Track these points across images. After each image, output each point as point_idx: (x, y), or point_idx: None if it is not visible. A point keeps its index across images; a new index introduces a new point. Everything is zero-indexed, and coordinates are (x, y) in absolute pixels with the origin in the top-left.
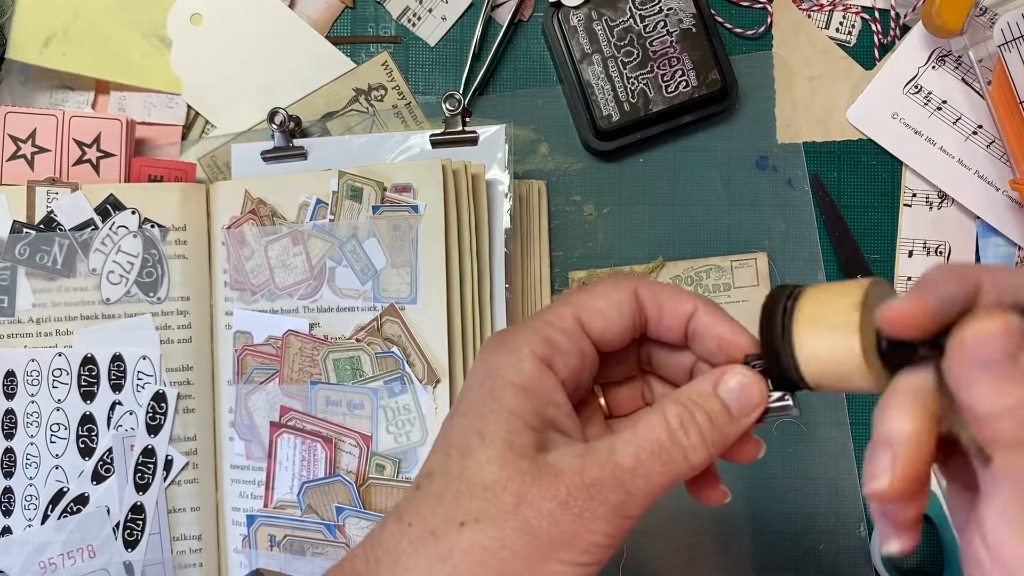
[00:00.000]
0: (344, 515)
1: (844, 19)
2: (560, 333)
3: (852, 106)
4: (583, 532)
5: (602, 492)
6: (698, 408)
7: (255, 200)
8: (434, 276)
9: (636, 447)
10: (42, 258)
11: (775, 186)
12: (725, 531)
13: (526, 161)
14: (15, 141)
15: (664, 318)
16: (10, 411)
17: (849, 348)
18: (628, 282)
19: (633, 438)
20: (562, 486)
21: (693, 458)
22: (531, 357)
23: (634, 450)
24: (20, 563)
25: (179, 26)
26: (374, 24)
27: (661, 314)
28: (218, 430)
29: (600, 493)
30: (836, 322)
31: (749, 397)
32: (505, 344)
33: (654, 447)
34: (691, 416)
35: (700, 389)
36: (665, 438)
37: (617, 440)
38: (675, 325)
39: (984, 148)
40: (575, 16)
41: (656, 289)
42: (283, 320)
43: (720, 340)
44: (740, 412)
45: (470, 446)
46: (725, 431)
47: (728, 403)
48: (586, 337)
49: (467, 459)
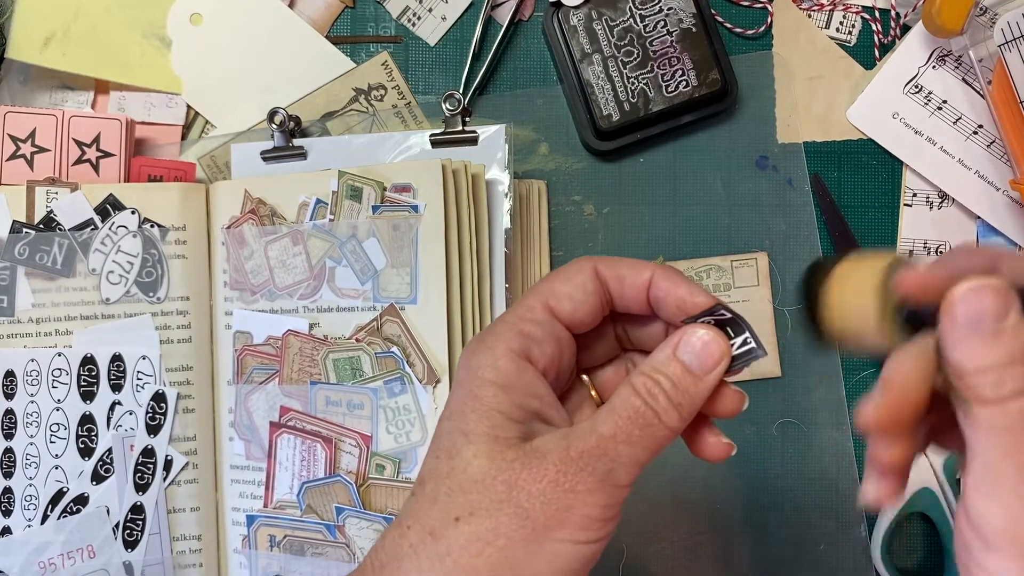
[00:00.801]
0: (344, 515)
1: (844, 19)
2: (532, 324)
3: (852, 106)
4: (577, 506)
5: (589, 463)
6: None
7: (255, 200)
8: (434, 276)
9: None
10: (42, 258)
11: (775, 186)
12: (725, 531)
13: (526, 161)
14: (15, 141)
15: (626, 290)
16: (10, 411)
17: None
18: (587, 261)
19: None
20: (550, 465)
21: (667, 420)
22: (507, 353)
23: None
24: (20, 563)
25: (179, 26)
26: (374, 24)
27: (623, 287)
28: (218, 430)
29: (588, 464)
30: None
31: (709, 353)
32: (482, 343)
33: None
34: (655, 383)
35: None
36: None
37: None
38: (637, 295)
39: (984, 148)
40: (575, 16)
41: (614, 263)
42: (283, 320)
43: (679, 302)
44: (703, 370)
45: (456, 446)
46: (691, 391)
47: (689, 364)
48: (558, 322)
49: (454, 458)
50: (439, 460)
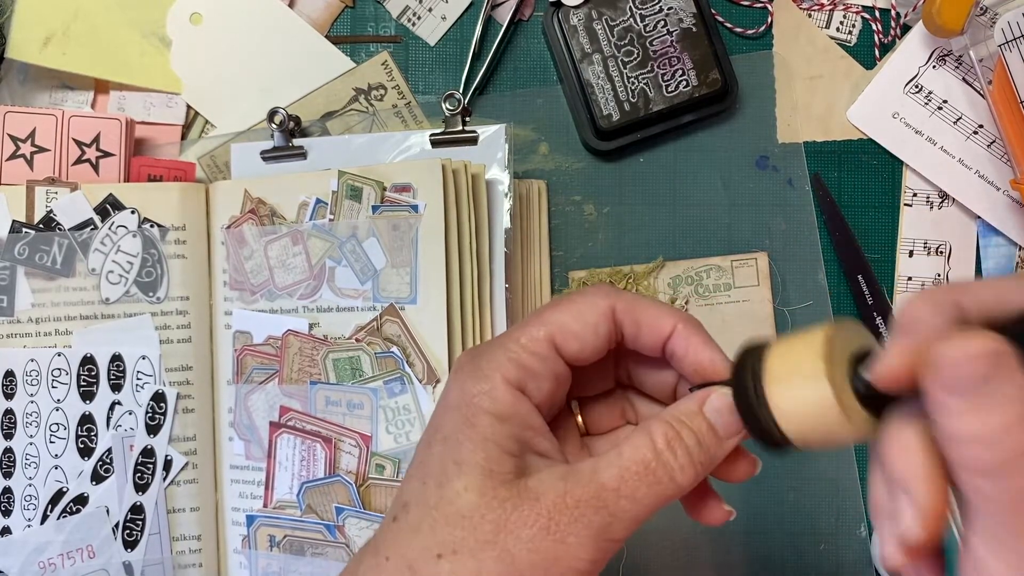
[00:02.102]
0: (344, 515)
1: (844, 19)
2: (533, 358)
3: (853, 106)
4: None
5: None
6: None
7: (255, 200)
8: (434, 276)
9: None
10: (41, 258)
11: (775, 186)
12: (725, 531)
13: (526, 161)
14: (14, 141)
15: (642, 335)
16: (9, 411)
17: (822, 398)
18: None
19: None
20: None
21: (680, 478)
22: (504, 384)
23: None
24: (20, 563)
25: (179, 26)
26: (374, 24)
27: (639, 332)
28: (218, 430)
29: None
30: (804, 375)
31: (736, 419)
32: (478, 369)
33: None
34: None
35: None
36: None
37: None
38: (653, 343)
39: (985, 148)
40: (575, 16)
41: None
42: (283, 320)
43: (698, 366)
44: (726, 433)
45: (447, 474)
46: (712, 450)
47: (714, 423)
48: (560, 359)
49: (444, 487)
50: (427, 487)
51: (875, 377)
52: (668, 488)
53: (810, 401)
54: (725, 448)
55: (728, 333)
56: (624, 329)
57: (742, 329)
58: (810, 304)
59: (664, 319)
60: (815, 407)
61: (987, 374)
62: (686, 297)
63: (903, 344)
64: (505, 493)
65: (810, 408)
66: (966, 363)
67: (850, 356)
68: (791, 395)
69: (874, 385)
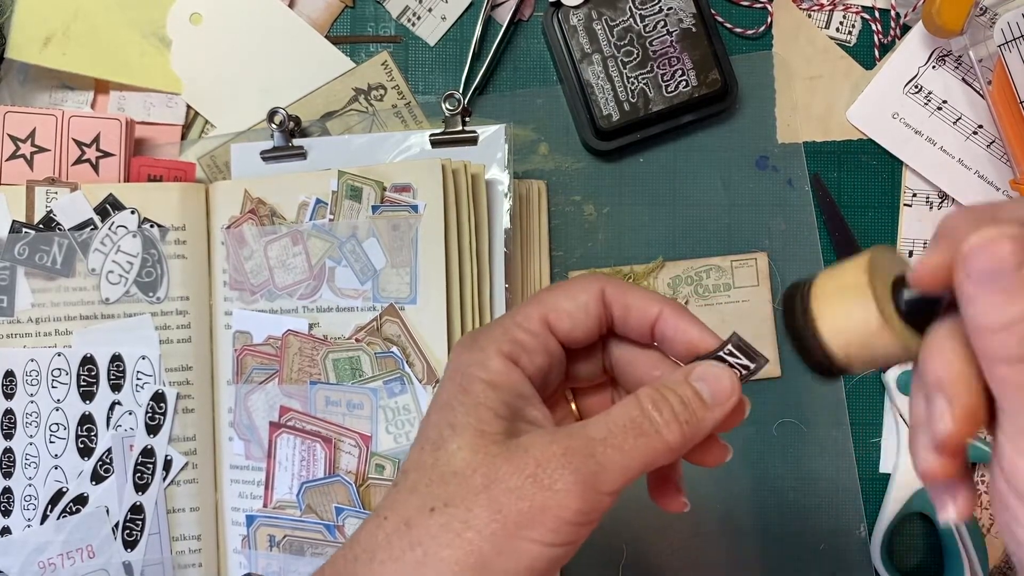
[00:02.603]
0: (344, 515)
1: (844, 19)
2: (527, 334)
3: (852, 106)
4: (553, 506)
5: (573, 461)
6: (670, 392)
7: (255, 200)
8: (434, 276)
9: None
10: (41, 258)
11: (775, 186)
12: (725, 531)
13: (526, 161)
14: (14, 141)
15: (631, 320)
16: (9, 411)
17: (866, 311)
18: (595, 283)
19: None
20: (531, 460)
21: (666, 433)
22: (498, 355)
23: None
24: (19, 563)
25: (179, 26)
26: (374, 24)
27: (628, 316)
28: (217, 430)
29: (571, 462)
30: (849, 291)
31: (721, 386)
32: (475, 343)
33: (626, 421)
34: (663, 397)
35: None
36: (638, 414)
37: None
38: (641, 327)
39: (984, 148)
40: (575, 16)
41: (624, 290)
42: (283, 320)
43: (689, 345)
44: (714, 401)
45: (443, 437)
46: (698, 415)
47: (700, 391)
48: (552, 337)
49: (439, 450)
50: (423, 451)
51: (914, 279)
52: (654, 440)
53: (855, 316)
54: (713, 415)
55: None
56: (613, 311)
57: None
58: None
59: (652, 303)
60: (860, 321)
61: (1015, 261)
62: (686, 297)
63: (939, 249)
64: (496, 449)
65: (855, 323)
66: (993, 249)
67: (893, 276)
68: (837, 311)
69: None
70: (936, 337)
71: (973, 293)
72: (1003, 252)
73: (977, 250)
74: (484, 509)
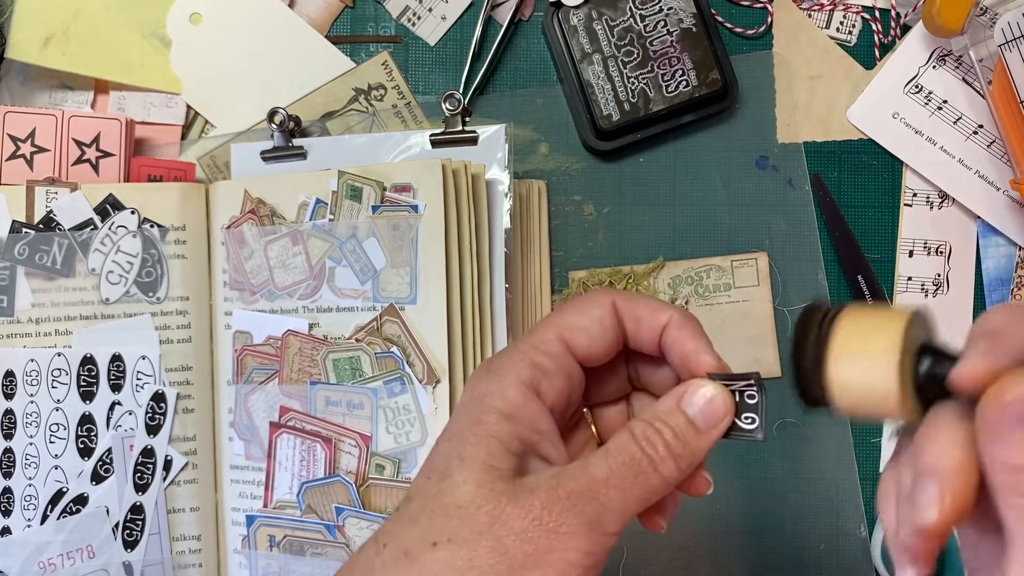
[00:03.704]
0: (344, 515)
1: (844, 19)
2: (545, 356)
3: (853, 106)
4: (558, 548)
5: (577, 504)
6: (662, 424)
7: (255, 200)
8: (434, 276)
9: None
10: (41, 258)
11: (775, 186)
12: (725, 531)
13: (526, 161)
14: (14, 141)
15: (641, 331)
16: (9, 411)
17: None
18: (606, 296)
19: (604, 454)
20: (536, 501)
21: (663, 469)
22: (516, 383)
23: (606, 462)
24: (19, 563)
25: (179, 26)
26: (374, 24)
27: (639, 327)
28: (218, 430)
29: (576, 505)
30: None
31: (714, 410)
32: (491, 371)
33: (625, 459)
34: (656, 432)
35: (665, 406)
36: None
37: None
38: (650, 338)
39: (984, 148)
40: (575, 16)
41: (634, 301)
42: (283, 320)
43: (683, 357)
44: (706, 424)
45: (450, 468)
46: (692, 444)
47: (693, 417)
48: (571, 356)
49: (444, 480)
50: (429, 480)
51: (955, 382)
52: (652, 478)
53: (871, 376)
54: (707, 439)
55: (728, 333)
56: (625, 325)
57: (742, 329)
58: None
59: (660, 312)
60: (874, 383)
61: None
62: (686, 297)
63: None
64: (502, 487)
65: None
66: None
67: (918, 346)
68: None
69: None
70: (939, 419)
71: (1004, 434)
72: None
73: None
74: (489, 551)
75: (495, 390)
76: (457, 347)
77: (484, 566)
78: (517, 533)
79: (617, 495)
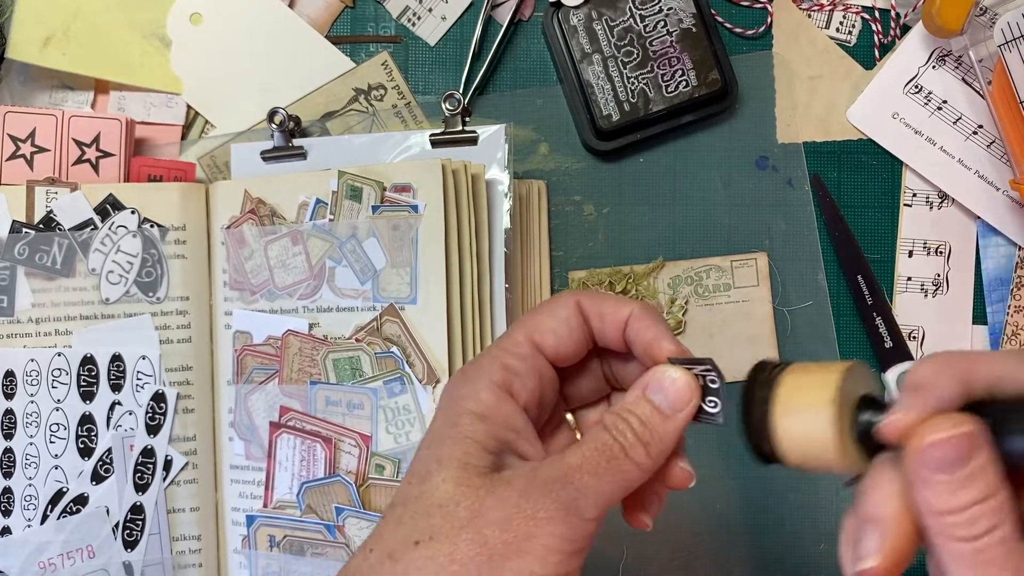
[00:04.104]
0: (344, 515)
1: (844, 19)
2: (515, 358)
3: (852, 106)
4: (536, 534)
5: (552, 489)
6: (630, 413)
7: (255, 200)
8: (434, 276)
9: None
10: (41, 258)
11: (775, 186)
12: (725, 531)
13: (526, 161)
14: (14, 141)
15: (606, 327)
16: (9, 411)
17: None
18: (571, 297)
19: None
20: (514, 491)
21: (633, 455)
22: (489, 386)
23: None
24: (19, 563)
25: (179, 26)
26: (374, 24)
27: (603, 324)
28: (218, 430)
29: (552, 491)
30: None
31: (678, 393)
32: (465, 376)
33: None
34: (625, 421)
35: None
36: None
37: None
38: (615, 333)
39: (984, 148)
40: (575, 16)
41: (597, 299)
42: (283, 320)
43: (646, 346)
44: (672, 408)
45: (429, 471)
46: (660, 429)
47: (659, 404)
48: (541, 356)
49: (425, 483)
50: (410, 484)
51: (883, 430)
52: (624, 463)
53: (811, 427)
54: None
55: (728, 333)
56: (591, 322)
57: (742, 329)
58: (810, 304)
59: (622, 307)
60: (816, 443)
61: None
62: (686, 297)
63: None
64: (479, 482)
65: (811, 443)
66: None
67: (856, 399)
68: (796, 416)
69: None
70: (882, 469)
71: (927, 478)
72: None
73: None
74: (469, 543)
75: (469, 393)
76: (457, 347)
77: (465, 559)
78: (496, 523)
79: (591, 480)
